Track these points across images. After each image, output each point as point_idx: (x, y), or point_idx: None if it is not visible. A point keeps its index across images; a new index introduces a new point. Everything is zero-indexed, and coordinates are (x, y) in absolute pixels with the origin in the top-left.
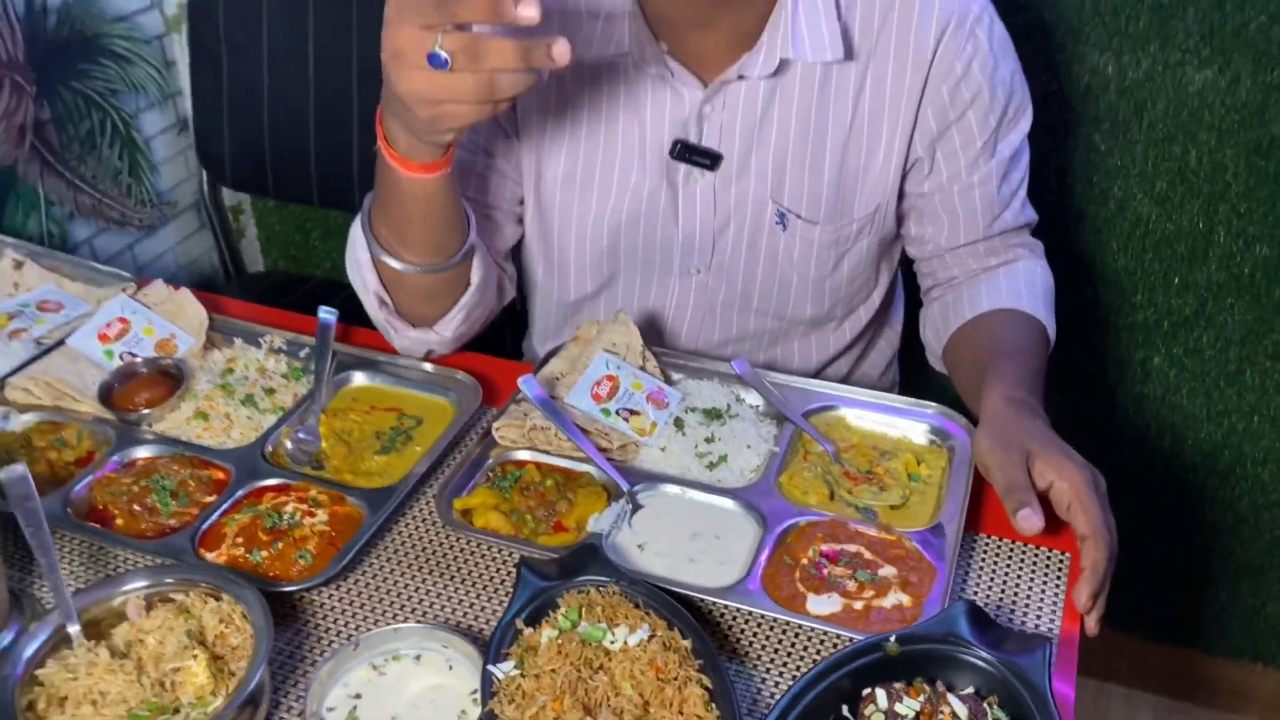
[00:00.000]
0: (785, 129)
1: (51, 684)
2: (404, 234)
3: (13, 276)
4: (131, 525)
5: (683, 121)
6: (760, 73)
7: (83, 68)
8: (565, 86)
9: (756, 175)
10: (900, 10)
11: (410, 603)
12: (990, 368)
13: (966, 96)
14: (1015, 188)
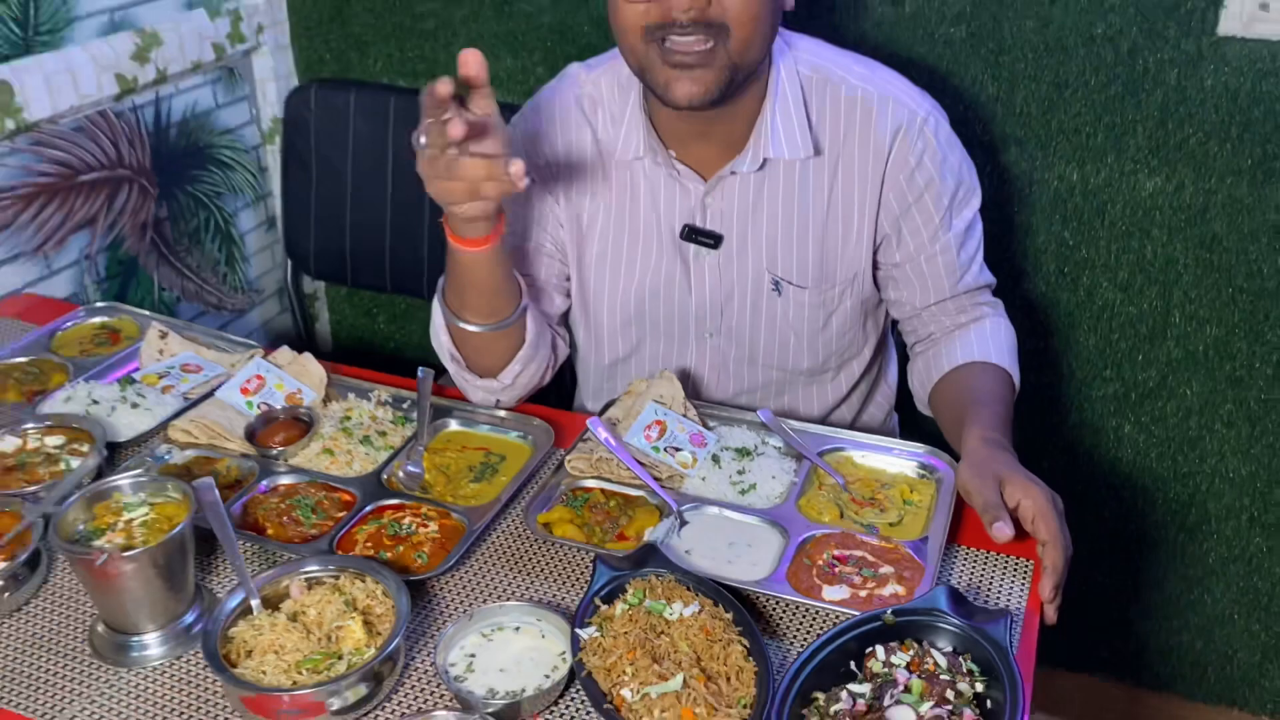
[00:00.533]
0: (774, 213)
1: (241, 639)
2: (465, 299)
3: (158, 345)
4: (281, 533)
5: (690, 210)
6: (748, 169)
7: (194, 173)
8: (597, 184)
9: (753, 251)
10: (860, 116)
11: (508, 590)
12: (968, 413)
13: (920, 183)
14: (972, 254)
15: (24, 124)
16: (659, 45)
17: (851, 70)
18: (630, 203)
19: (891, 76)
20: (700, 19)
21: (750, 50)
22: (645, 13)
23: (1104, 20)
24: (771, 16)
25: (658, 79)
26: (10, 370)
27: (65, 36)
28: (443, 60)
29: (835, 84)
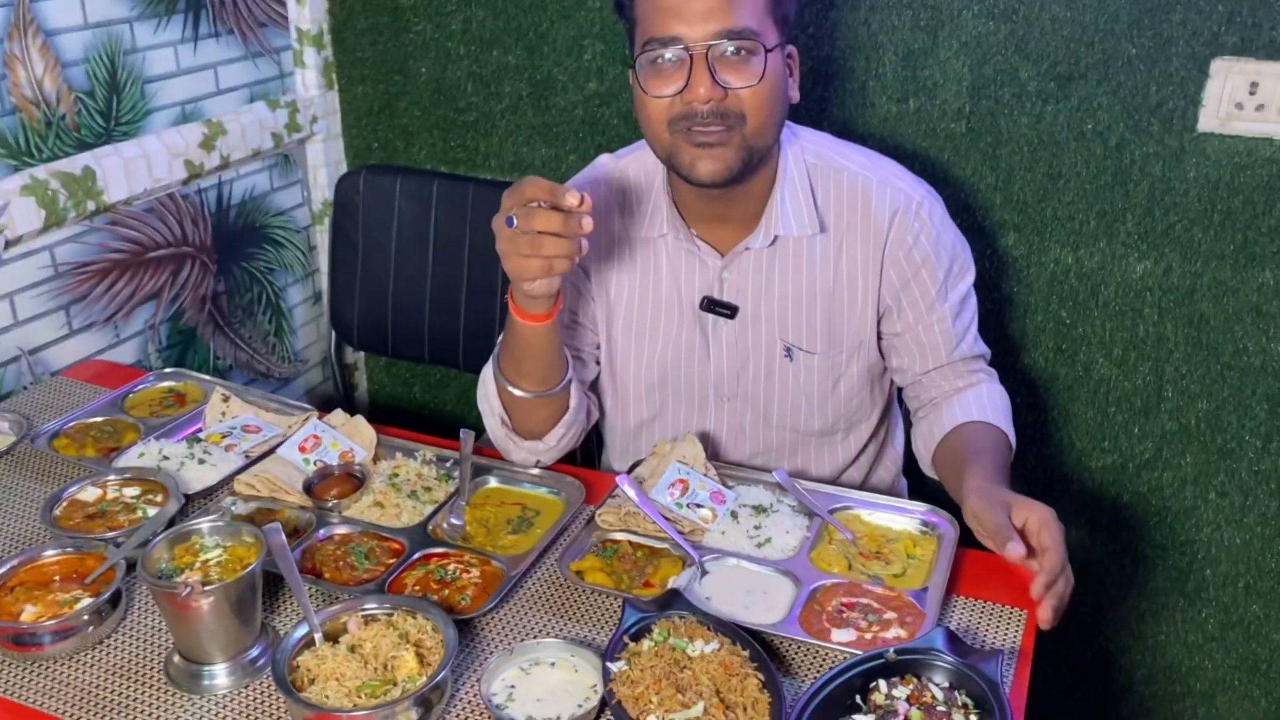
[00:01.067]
0: (784, 285)
1: (306, 668)
2: (521, 368)
3: (221, 407)
4: (337, 577)
5: (708, 283)
6: (761, 245)
7: (250, 250)
8: (624, 260)
9: (766, 321)
10: (860, 200)
11: (544, 629)
12: (969, 463)
13: (917, 260)
14: (967, 324)
15: (103, 205)
16: (684, 133)
17: (852, 158)
18: (654, 277)
19: (889, 165)
20: (718, 109)
21: (763, 135)
22: (670, 106)
23: (1093, 117)
24: (780, 106)
25: (683, 160)
26: (88, 429)
27: (142, 127)
28: (482, 149)
29: (838, 170)
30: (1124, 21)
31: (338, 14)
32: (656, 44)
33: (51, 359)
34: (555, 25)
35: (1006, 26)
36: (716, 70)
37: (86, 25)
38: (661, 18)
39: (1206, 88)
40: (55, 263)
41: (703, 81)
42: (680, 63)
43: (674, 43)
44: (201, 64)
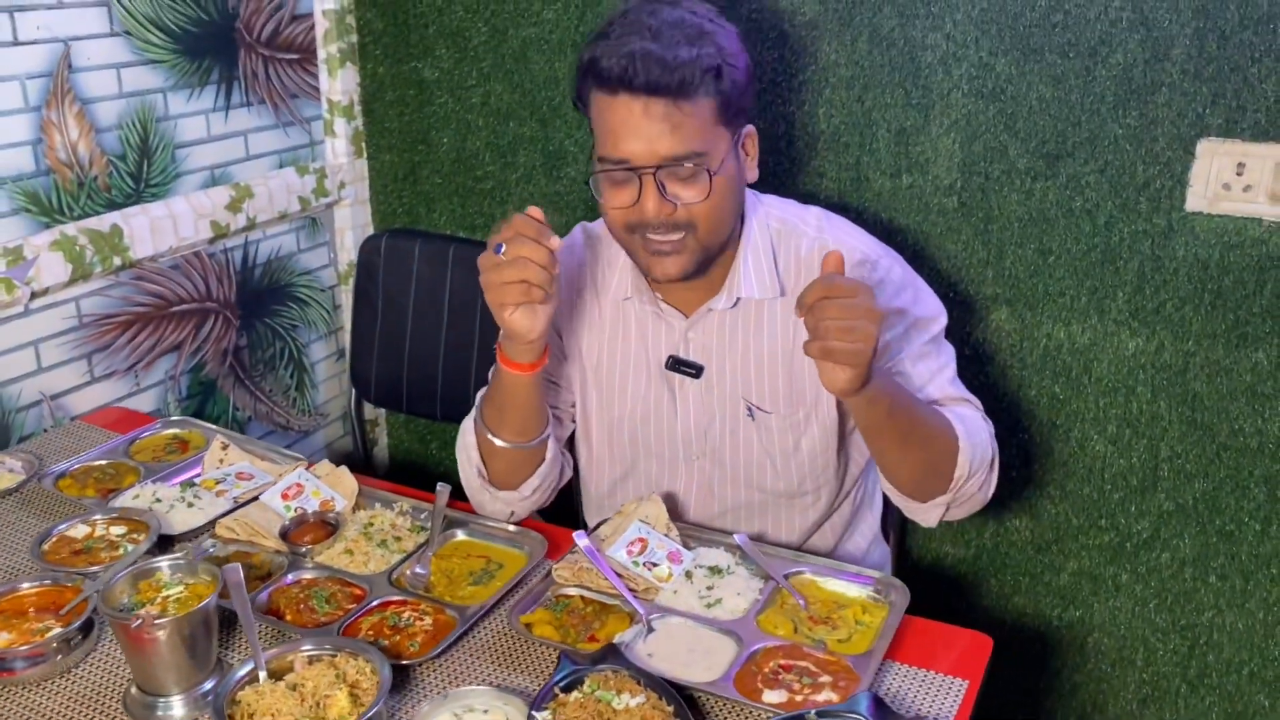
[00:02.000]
0: (746, 345)
1: (246, 702)
2: (504, 418)
3: (220, 454)
4: (297, 619)
5: (674, 344)
6: (723, 306)
7: (274, 308)
8: (594, 321)
9: (730, 380)
10: (816, 261)
11: (485, 678)
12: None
13: None
14: (935, 369)
15: (129, 261)
16: (641, 237)
17: (810, 223)
18: (622, 337)
19: (847, 227)
20: (669, 221)
21: (715, 237)
22: (626, 214)
23: (1081, 195)
24: (734, 205)
25: (640, 262)
26: (91, 471)
27: (171, 189)
28: (498, 215)
29: (798, 235)
30: (1109, 102)
31: (368, 86)
32: (609, 162)
33: (72, 404)
34: (566, 100)
35: (995, 105)
36: (665, 186)
37: (121, 94)
38: (612, 139)
39: (1193, 168)
40: (80, 314)
41: (651, 198)
42: (631, 180)
43: (623, 163)
44: (232, 131)
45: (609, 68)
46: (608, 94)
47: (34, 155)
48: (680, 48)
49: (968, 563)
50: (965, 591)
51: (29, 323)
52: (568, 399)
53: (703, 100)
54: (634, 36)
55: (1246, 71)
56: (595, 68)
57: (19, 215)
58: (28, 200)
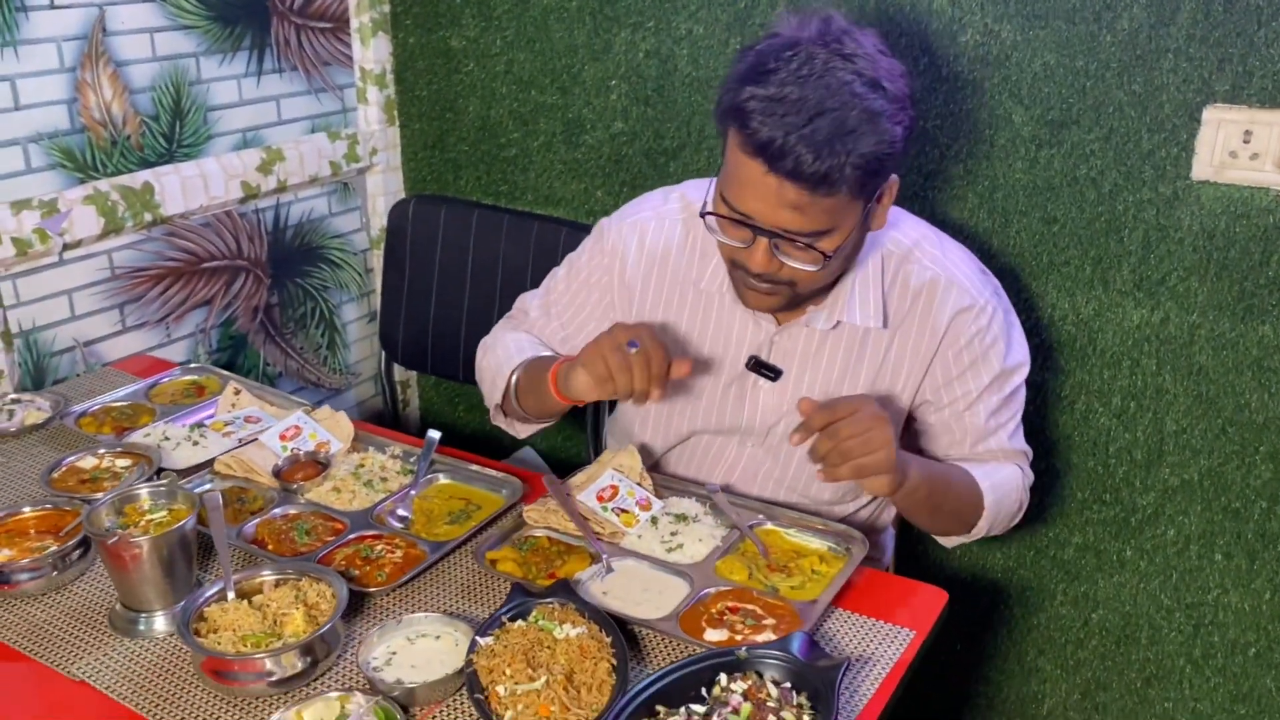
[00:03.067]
0: (832, 363)
1: (211, 617)
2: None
3: (232, 399)
4: (278, 548)
5: (758, 345)
6: (821, 326)
7: (305, 268)
8: (678, 301)
9: (806, 389)
10: (925, 297)
11: (444, 608)
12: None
13: (966, 362)
14: (1003, 422)
15: (160, 218)
16: (741, 272)
17: (925, 251)
18: (704, 326)
19: (958, 256)
20: (772, 277)
21: (815, 291)
22: (734, 252)
23: (1086, 163)
24: (842, 267)
25: (737, 288)
26: (110, 411)
27: (203, 150)
28: (520, 182)
29: (910, 263)
30: (1114, 69)
31: (399, 55)
32: (729, 206)
33: (105, 352)
34: (585, 66)
35: (1000, 72)
36: (779, 248)
37: (155, 58)
38: (739, 191)
39: (1199, 135)
40: (113, 266)
41: (760, 254)
42: (748, 229)
43: (745, 216)
44: (264, 96)
45: (757, 132)
46: (747, 154)
47: (69, 114)
48: (836, 141)
49: None
50: (971, 565)
51: (63, 272)
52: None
53: (842, 192)
54: (792, 107)
55: (1253, 35)
56: (743, 119)
57: (54, 170)
58: (63, 156)
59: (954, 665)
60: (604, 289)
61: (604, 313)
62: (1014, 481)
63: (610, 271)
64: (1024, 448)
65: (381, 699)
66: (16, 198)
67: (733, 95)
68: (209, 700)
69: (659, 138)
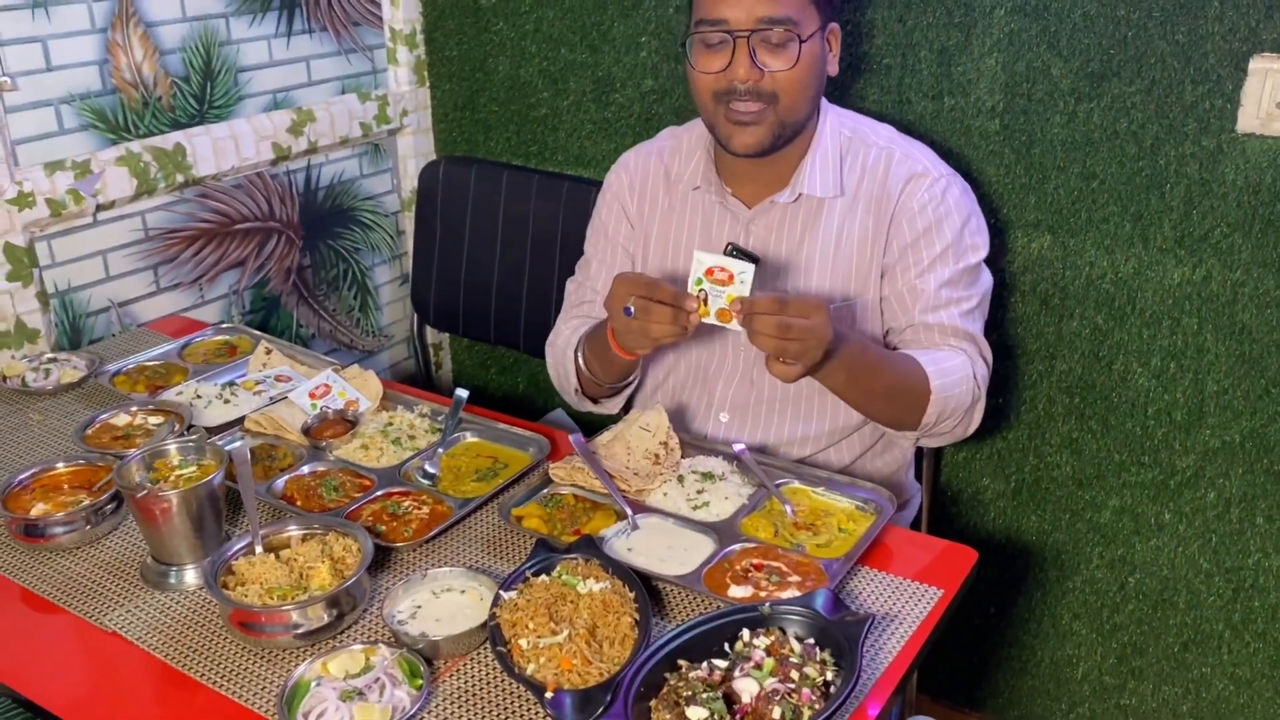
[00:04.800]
0: (803, 241)
1: (240, 571)
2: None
3: (263, 359)
4: (306, 504)
5: (736, 233)
6: (785, 200)
7: (337, 230)
8: (664, 208)
9: (784, 272)
10: (881, 167)
11: (471, 563)
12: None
13: (919, 227)
14: (955, 297)
15: (192, 179)
16: (725, 106)
17: (882, 134)
18: (688, 224)
19: (916, 145)
20: (755, 89)
21: (795, 112)
22: (715, 81)
23: (1126, 116)
24: (815, 85)
25: (722, 132)
26: (144, 370)
27: (234, 111)
28: (550, 143)
29: (867, 145)
30: (1157, 17)
31: (429, 15)
32: (706, 25)
33: (140, 312)
34: (615, 23)
35: (1039, 23)
36: (756, 53)
37: (185, 18)
38: (711, 1)
39: (1245, 86)
40: (146, 227)
41: (742, 63)
42: (725, 43)
43: (720, 24)
44: (294, 57)
45: None
46: None
47: (100, 75)
48: None
49: (1007, 497)
50: (1006, 527)
51: (97, 233)
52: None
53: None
54: None
55: None
56: None
57: (86, 131)
58: (95, 117)
59: (987, 628)
60: (619, 209)
61: (625, 248)
62: (962, 371)
63: (618, 190)
64: (976, 333)
65: (406, 651)
66: (50, 159)
67: None
68: (238, 651)
69: (690, 95)
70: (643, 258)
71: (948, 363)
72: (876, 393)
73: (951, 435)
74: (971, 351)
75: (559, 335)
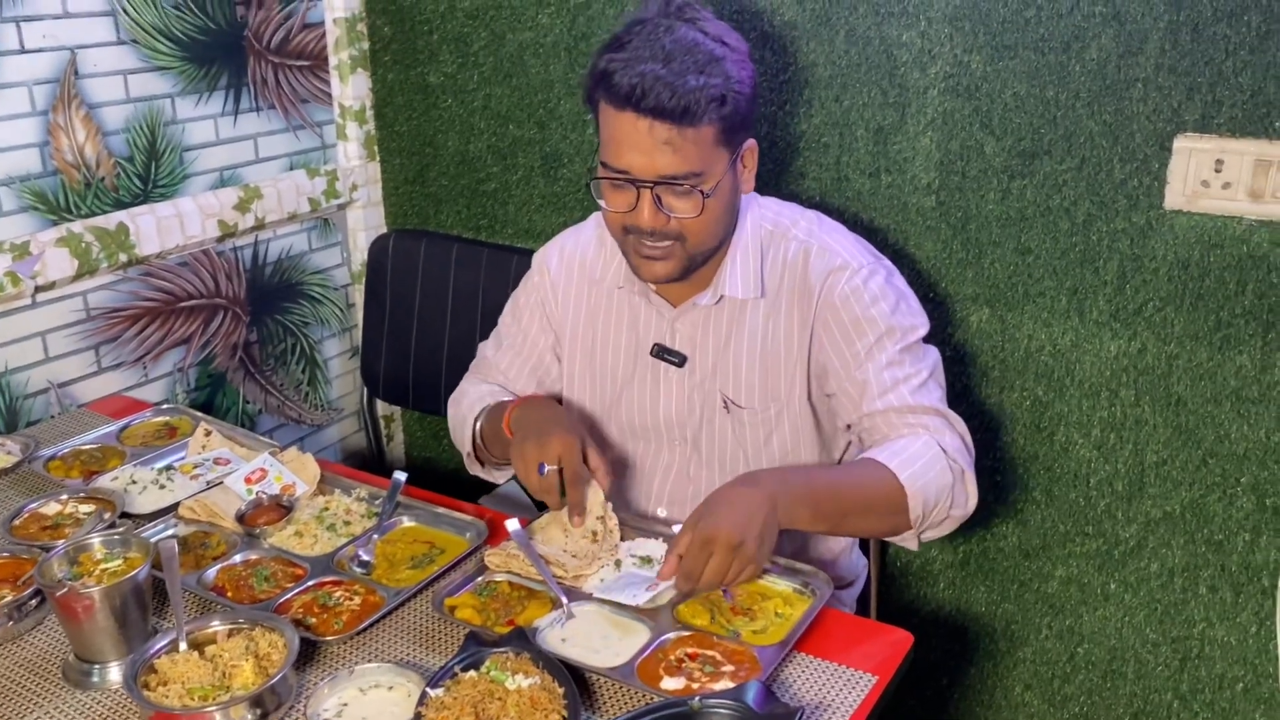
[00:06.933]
0: (727, 341)
1: (161, 670)
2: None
3: (203, 441)
4: (236, 595)
5: (662, 332)
6: (708, 302)
7: (285, 305)
8: (590, 306)
9: (710, 373)
10: (800, 264)
11: (401, 658)
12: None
13: (846, 321)
14: (902, 376)
15: (136, 258)
16: (634, 239)
17: (800, 226)
18: (615, 323)
19: (836, 233)
20: (661, 231)
21: (703, 248)
22: (622, 218)
23: (1059, 193)
24: (726, 218)
25: (631, 262)
26: (80, 454)
27: (179, 189)
28: (500, 216)
29: (786, 239)
30: (1084, 98)
31: (379, 91)
32: (611, 169)
33: (80, 393)
34: (561, 101)
35: (971, 103)
36: (661, 199)
37: (129, 99)
38: (615, 149)
39: (1171, 164)
40: (87, 307)
41: (646, 209)
42: (629, 187)
43: (624, 173)
44: (242, 135)
45: (619, 84)
46: (615, 108)
47: (41, 157)
48: (689, 75)
49: (955, 568)
50: (955, 599)
51: (36, 314)
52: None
53: (705, 126)
54: (646, 57)
55: (1221, 65)
56: (607, 81)
57: (26, 213)
58: (35, 199)
59: (939, 700)
60: (538, 306)
61: (543, 327)
62: (929, 452)
63: (540, 289)
64: (935, 404)
65: None
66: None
67: (594, 67)
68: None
69: None
70: (568, 355)
71: (909, 450)
72: (850, 513)
73: (952, 520)
74: (935, 424)
75: (465, 396)
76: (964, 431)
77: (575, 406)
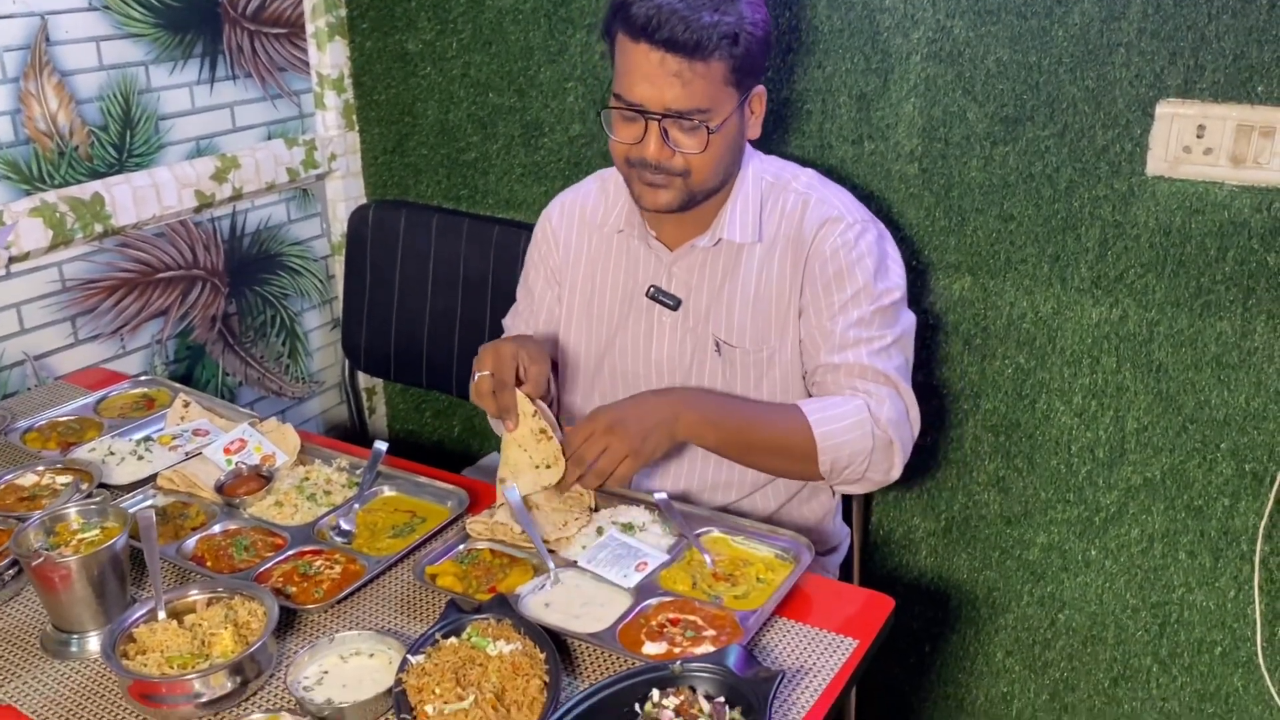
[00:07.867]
0: (722, 284)
1: (140, 638)
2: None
3: (181, 412)
4: (216, 565)
5: (658, 275)
6: (706, 244)
7: (264, 276)
8: (589, 252)
9: (703, 315)
10: (798, 213)
11: (381, 625)
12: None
13: (830, 271)
14: (866, 336)
15: (111, 229)
16: (638, 170)
17: (800, 180)
18: (612, 267)
19: (833, 189)
20: (665, 165)
21: (705, 185)
22: (629, 149)
23: (1041, 159)
24: (730, 157)
25: (634, 190)
26: (56, 425)
27: (155, 159)
28: (480, 186)
29: (786, 190)
30: (1067, 64)
31: (357, 59)
32: (622, 101)
33: (57, 365)
34: (542, 69)
35: (954, 69)
36: (668, 132)
37: (102, 66)
38: (628, 80)
39: (1153, 130)
40: (63, 278)
41: (653, 142)
42: (639, 119)
43: (635, 105)
44: (218, 103)
45: (636, 15)
46: (631, 39)
47: (13, 125)
48: (704, 11)
49: (937, 535)
50: (936, 566)
51: (11, 285)
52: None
53: (716, 62)
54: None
55: (1204, 29)
56: (625, 12)
57: (0, 183)
58: (7, 168)
59: (922, 666)
60: (541, 263)
61: (549, 282)
62: (855, 415)
63: (543, 244)
64: (889, 371)
65: (310, 719)
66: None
67: (614, 3)
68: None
69: None
70: (566, 301)
71: (836, 409)
72: (756, 448)
73: (869, 481)
74: (881, 392)
75: None
76: (911, 404)
77: (567, 348)
